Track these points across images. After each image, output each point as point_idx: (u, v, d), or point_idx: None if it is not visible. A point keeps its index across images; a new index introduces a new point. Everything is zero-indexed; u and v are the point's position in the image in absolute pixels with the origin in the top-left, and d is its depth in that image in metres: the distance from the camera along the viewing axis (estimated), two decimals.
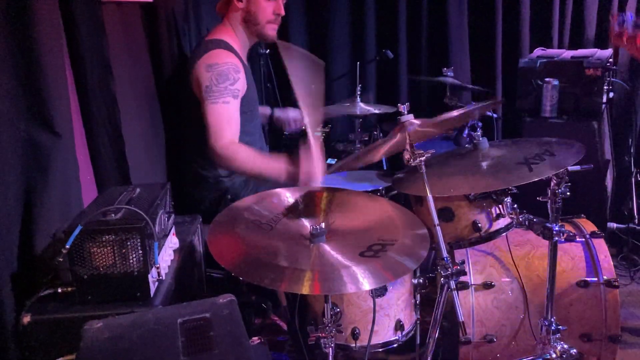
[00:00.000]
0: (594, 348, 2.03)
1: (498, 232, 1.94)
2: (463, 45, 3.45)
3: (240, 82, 2.18)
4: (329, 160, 3.01)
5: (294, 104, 3.59)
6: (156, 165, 2.30)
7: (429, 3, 3.45)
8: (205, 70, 2.13)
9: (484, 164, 1.77)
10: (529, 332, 2.03)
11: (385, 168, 3.08)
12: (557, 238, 1.77)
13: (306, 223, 1.57)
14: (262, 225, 1.54)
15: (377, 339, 1.78)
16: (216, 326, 1.18)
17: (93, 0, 1.74)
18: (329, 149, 3.11)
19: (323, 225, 1.48)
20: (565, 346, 1.87)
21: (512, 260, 2.07)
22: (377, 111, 2.89)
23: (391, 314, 1.79)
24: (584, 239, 2.11)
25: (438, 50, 3.48)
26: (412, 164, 1.59)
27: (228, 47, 2.23)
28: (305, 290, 1.35)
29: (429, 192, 1.58)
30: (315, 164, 1.99)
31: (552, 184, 1.72)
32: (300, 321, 1.85)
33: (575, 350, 1.86)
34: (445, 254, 1.58)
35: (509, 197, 1.90)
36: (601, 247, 2.08)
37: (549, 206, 1.76)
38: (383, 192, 2.25)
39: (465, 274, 1.62)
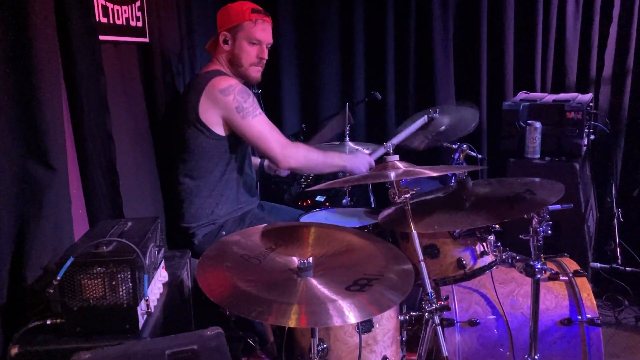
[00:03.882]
0: None
1: (482, 270, 1.98)
2: (449, 88, 3.55)
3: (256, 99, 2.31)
4: (318, 198, 3.07)
5: None
6: (150, 200, 2.33)
7: (416, 46, 3.57)
8: (223, 95, 2.20)
9: (468, 202, 1.82)
10: None
11: (373, 205, 3.13)
12: (539, 275, 1.81)
13: (294, 258, 1.60)
14: (250, 260, 1.57)
15: None
16: (204, 358, 1.20)
17: (92, 39, 1.80)
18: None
19: (310, 259, 1.52)
20: None
21: (497, 298, 2.10)
22: (366, 150, 2.95)
23: (377, 350, 1.80)
24: (567, 278, 2.14)
25: (425, 92, 3.58)
26: (398, 201, 1.64)
27: (228, 75, 2.33)
28: (292, 323, 1.38)
29: (413, 229, 1.63)
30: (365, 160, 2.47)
31: (533, 222, 1.77)
32: (287, 358, 1.85)
33: None
34: (429, 289, 1.62)
35: (492, 235, 1.95)
36: (584, 286, 2.12)
37: (530, 244, 1.80)
38: (371, 228, 2.29)
39: (449, 309, 1.65)
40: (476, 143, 3.35)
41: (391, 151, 1.66)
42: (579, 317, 2.04)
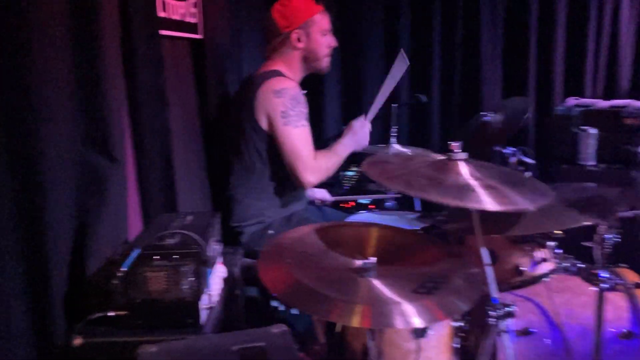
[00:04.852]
0: None
1: (541, 277, 1.92)
2: (495, 92, 3.50)
3: (307, 107, 2.26)
4: (361, 200, 3.02)
5: (324, 143, 3.66)
6: (199, 196, 2.33)
7: (463, 49, 3.52)
8: (275, 96, 2.17)
9: None
10: None
11: (417, 208, 3.07)
12: (605, 285, 1.74)
13: (355, 257, 1.56)
14: (310, 257, 1.54)
15: None
16: (272, 356, 1.17)
17: (153, 32, 1.80)
18: (362, 189, 3.13)
19: (374, 260, 1.48)
20: None
21: (553, 307, 2.03)
22: (412, 153, 2.90)
23: (432, 357, 1.75)
24: (627, 289, 2.06)
25: (471, 95, 3.52)
26: None
27: (287, 76, 2.30)
28: (355, 322, 1.34)
29: (480, 232, 1.57)
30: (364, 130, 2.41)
31: (600, 228, 1.70)
32: None
33: None
34: (495, 294, 1.56)
35: (553, 241, 1.89)
36: None
37: (596, 252, 1.73)
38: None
39: (515, 316, 1.59)
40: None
41: (457, 151, 1.61)
42: None
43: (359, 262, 1.50)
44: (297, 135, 2.19)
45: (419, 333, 1.68)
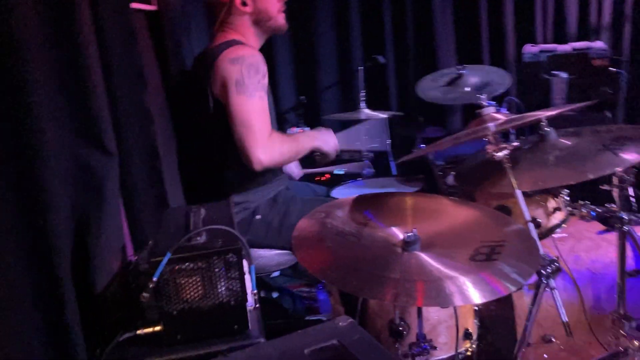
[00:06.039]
0: None
1: (555, 227, 1.88)
2: (449, 45, 3.45)
3: (267, 78, 2.02)
4: (336, 171, 2.89)
5: (280, 117, 3.46)
6: (173, 187, 2.09)
7: (414, 4, 3.43)
8: (230, 64, 1.92)
9: (553, 156, 1.69)
10: (587, 328, 1.97)
11: (395, 173, 2.98)
12: (627, 227, 1.72)
13: (394, 231, 1.43)
14: (347, 237, 1.40)
15: (446, 352, 1.68)
16: (355, 353, 1.03)
17: (122, 7, 1.54)
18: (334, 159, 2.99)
19: (416, 231, 1.36)
20: None
21: (560, 254, 2.01)
22: (385, 116, 2.79)
23: (460, 323, 1.69)
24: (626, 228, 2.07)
25: (425, 51, 3.45)
26: (496, 158, 1.50)
27: (246, 45, 2.08)
28: (414, 301, 1.24)
29: (516, 187, 1.49)
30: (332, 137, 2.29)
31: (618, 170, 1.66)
32: None
33: None
34: (542, 249, 1.49)
35: (565, 189, 1.85)
36: None
37: (616, 194, 1.70)
38: None
39: (561, 271, 1.53)
40: None
41: (485, 103, 1.51)
42: None
43: (399, 236, 1.38)
44: (251, 106, 1.93)
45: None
